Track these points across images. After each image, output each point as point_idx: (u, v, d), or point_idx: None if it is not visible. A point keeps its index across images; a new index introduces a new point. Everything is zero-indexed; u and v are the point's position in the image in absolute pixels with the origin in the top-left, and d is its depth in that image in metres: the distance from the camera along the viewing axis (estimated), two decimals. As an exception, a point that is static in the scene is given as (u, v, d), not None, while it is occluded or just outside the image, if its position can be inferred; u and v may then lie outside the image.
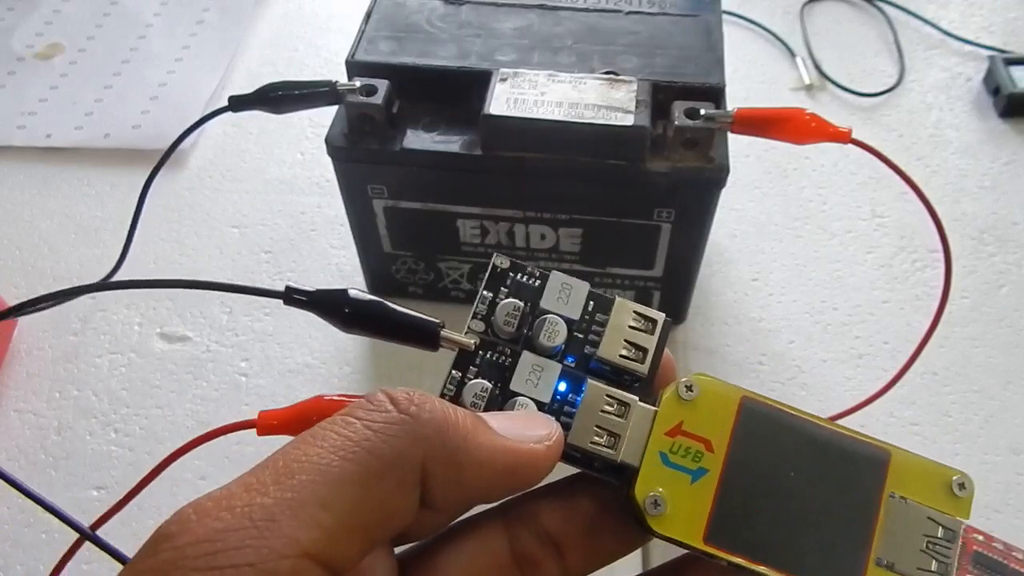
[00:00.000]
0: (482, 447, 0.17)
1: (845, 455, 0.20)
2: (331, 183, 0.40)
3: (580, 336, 0.21)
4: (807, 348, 0.43)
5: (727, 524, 0.19)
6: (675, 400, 0.20)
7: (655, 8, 0.39)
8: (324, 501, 0.15)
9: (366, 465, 0.16)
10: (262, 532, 0.14)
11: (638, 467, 0.20)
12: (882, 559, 0.19)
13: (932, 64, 0.57)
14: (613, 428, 0.20)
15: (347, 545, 0.15)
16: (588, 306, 0.21)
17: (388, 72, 0.36)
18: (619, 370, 0.21)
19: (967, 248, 0.47)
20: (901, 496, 0.20)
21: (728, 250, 0.47)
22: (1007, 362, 0.42)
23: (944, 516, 0.20)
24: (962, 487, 0.20)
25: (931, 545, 0.20)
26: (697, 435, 0.20)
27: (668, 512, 0.19)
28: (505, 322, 0.21)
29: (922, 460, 0.20)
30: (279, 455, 0.16)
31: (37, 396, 0.42)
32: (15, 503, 0.38)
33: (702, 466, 0.20)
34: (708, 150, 0.35)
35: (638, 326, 0.21)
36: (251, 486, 0.15)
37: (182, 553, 0.14)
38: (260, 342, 0.44)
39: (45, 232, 0.49)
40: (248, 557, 0.14)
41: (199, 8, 0.63)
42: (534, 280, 0.21)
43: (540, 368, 0.20)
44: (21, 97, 0.56)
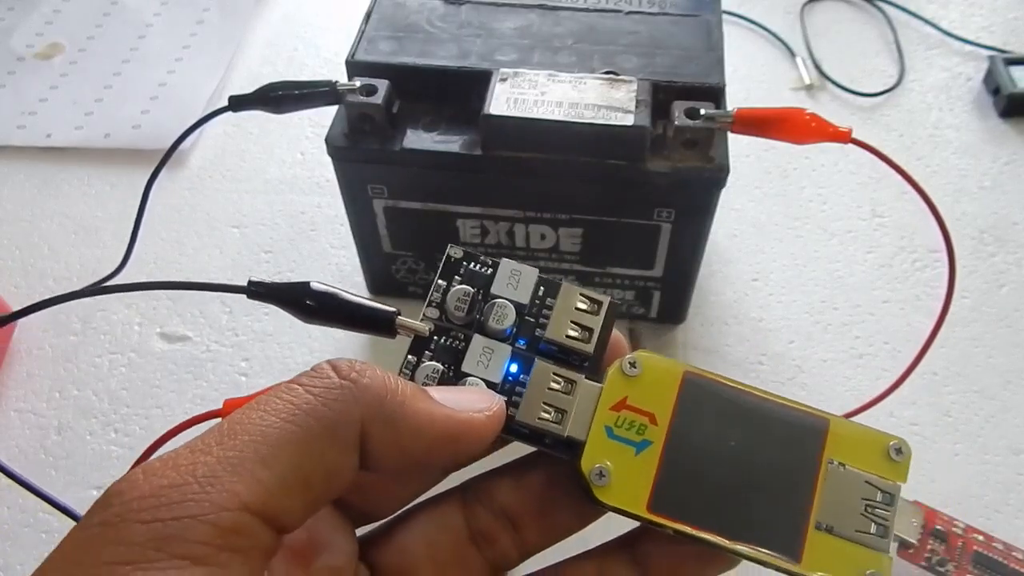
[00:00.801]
0: (420, 412, 0.18)
1: (784, 424, 0.21)
2: (331, 183, 0.40)
3: (531, 320, 0.22)
4: (807, 348, 0.43)
5: (670, 493, 0.20)
6: (619, 376, 0.21)
7: (655, 8, 0.39)
8: (264, 459, 0.16)
9: (305, 426, 0.17)
10: (203, 487, 0.15)
11: (584, 441, 0.20)
12: (822, 523, 0.20)
13: (932, 64, 0.57)
14: (560, 404, 0.21)
15: (287, 500, 0.16)
16: (538, 291, 0.22)
17: (388, 72, 0.36)
18: (567, 350, 0.21)
19: (967, 248, 0.47)
20: (840, 462, 0.21)
21: (728, 250, 0.47)
22: (1007, 362, 0.42)
23: (882, 480, 0.21)
24: (899, 452, 0.21)
25: (870, 508, 0.20)
26: (641, 409, 0.21)
27: (613, 483, 0.20)
28: (456, 307, 0.22)
29: (860, 427, 0.21)
30: (225, 420, 0.17)
31: (37, 396, 0.42)
32: (15, 503, 0.38)
33: (646, 438, 0.21)
34: (708, 150, 0.35)
35: (585, 308, 0.22)
36: (196, 448, 0.16)
37: (129, 507, 0.15)
38: (260, 342, 0.44)
39: (45, 232, 0.49)
40: (191, 510, 0.15)
41: (199, 8, 0.63)
42: (486, 268, 0.22)
43: (491, 350, 0.21)
44: (21, 97, 0.56)
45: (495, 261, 0.22)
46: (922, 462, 0.39)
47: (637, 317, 0.43)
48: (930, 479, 0.38)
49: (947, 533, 0.34)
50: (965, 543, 0.34)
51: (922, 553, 0.33)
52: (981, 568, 0.33)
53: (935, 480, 0.38)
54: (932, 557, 0.33)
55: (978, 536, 0.34)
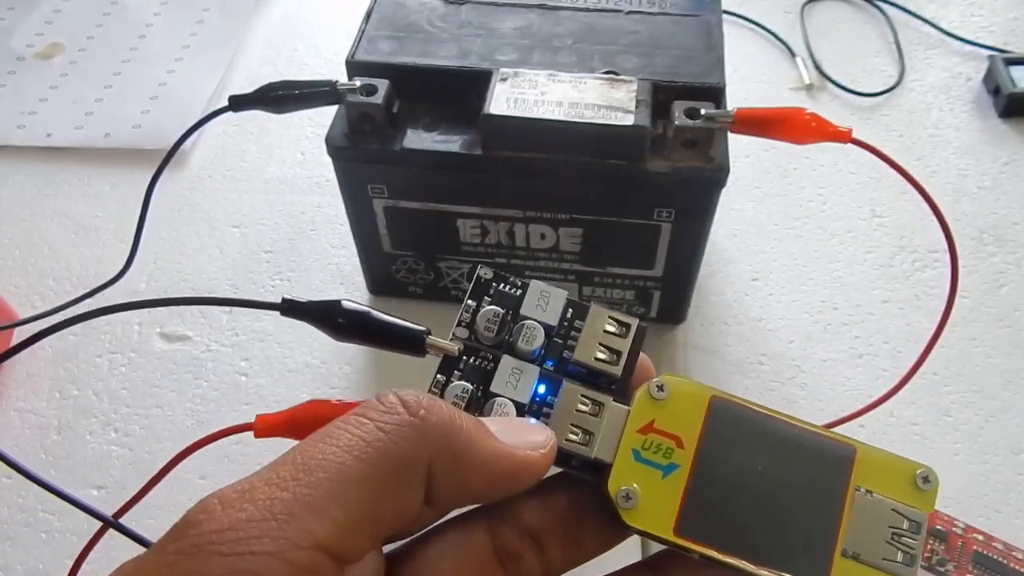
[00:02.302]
0: (484, 451, 0.18)
1: (811, 451, 0.21)
2: (331, 183, 0.40)
3: (559, 341, 0.22)
4: (807, 348, 0.43)
5: (697, 517, 0.20)
6: (647, 399, 0.21)
7: (655, 8, 0.39)
8: (338, 499, 0.16)
9: (377, 465, 0.17)
10: (281, 525, 0.16)
11: (611, 463, 0.21)
12: (848, 550, 0.20)
13: (932, 64, 0.57)
14: (587, 426, 0.21)
15: (357, 539, 0.17)
16: (566, 313, 0.22)
17: (388, 72, 0.36)
18: (595, 372, 0.22)
19: (967, 248, 0.47)
20: (867, 490, 0.21)
21: (728, 250, 0.47)
22: (1007, 362, 0.42)
23: (909, 509, 0.21)
24: (926, 480, 0.21)
25: (896, 536, 0.20)
26: (668, 432, 0.21)
27: (639, 505, 0.20)
28: (486, 328, 0.22)
29: (887, 455, 0.21)
30: (297, 452, 0.17)
31: (37, 396, 0.42)
32: (15, 502, 0.38)
33: (673, 462, 0.21)
34: (708, 150, 0.35)
35: (613, 331, 0.22)
36: (272, 481, 0.16)
37: (207, 539, 0.15)
38: (260, 342, 0.44)
39: (45, 232, 0.49)
40: (268, 546, 0.15)
41: (199, 8, 0.63)
42: (515, 289, 0.22)
43: (519, 371, 0.21)
44: (21, 97, 0.56)
45: (524, 282, 0.22)
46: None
47: (637, 317, 0.43)
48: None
49: (947, 533, 0.34)
50: (965, 543, 0.34)
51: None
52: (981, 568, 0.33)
53: (935, 480, 0.38)
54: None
55: (978, 536, 0.34)
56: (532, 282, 0.22)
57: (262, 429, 0.22)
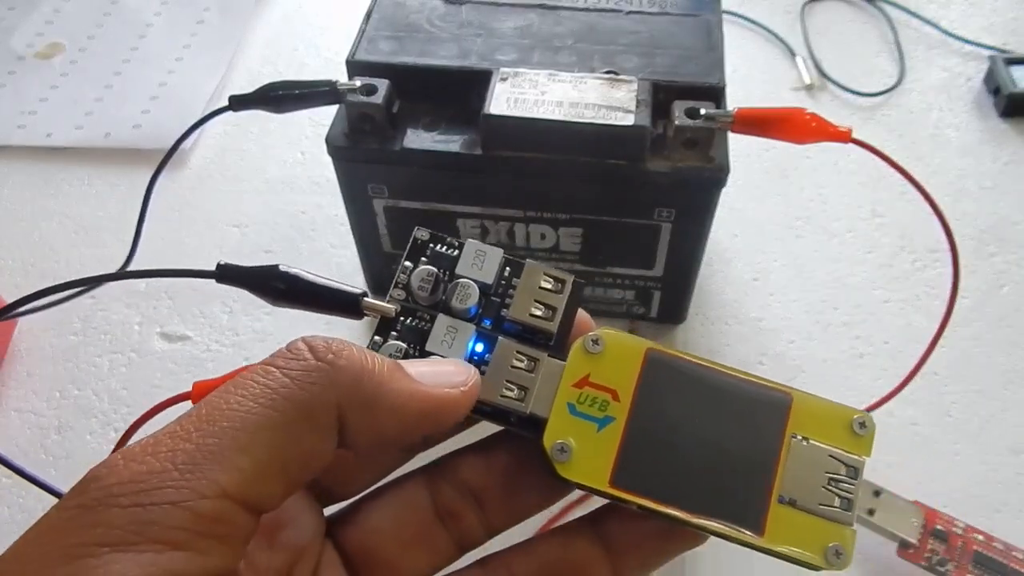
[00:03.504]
0: (397, 392, 0.18)
1: (748, 400, 0.21)
2: (331, 182, 0.40)
3: (496, 299, 0.22)
4: (807, 348, 0.43)
5: (633, 469, 0.20)
6: (582, 353, 0.21)
7: (655, 8, 0.39)
8: (243, 446, 0.16)
9: (283, 411, 0.17)
10: (184, 475, 0.15)
11: (547, 418, 0.21)
12: (785, 496, 0.20)
13: (932, 64, 0.57)
14: (523, 382, 0.21)
15: (266, 486, 0.16)
16: (504, 271, 0.22)
17: (388, 72, 0.36)
18: (531, 329, 0.22)
19: (967, 248, 0.46)
20: (803, 437, 0.21)
21: (728, 250, 0.47)
22: (1007, 362, 0.42)
23: (846, 454, 0.20)
24: (863, 426, 0.21)
25: (834, 482, 0.20)
26: (603, 385, 0.21)
27: (575, 458, 0.20)
28: (420, 287, 0.22)
29: (824, 401, 0.21)
30: (203, 404, 0.17)
31: (37, 396, 0.42)
32: (15, 503, 0.38)
33: (608, 414, 0.21)
34: (708, 150, 0.35)
35: (549, 287, 0.22)
36: (175, 434, 0.16)
37: (108, 491, 0.15)
38: (260, 342, 0.44)
39: (45, 232, 0.49)
40: (170, 496, 0.15)
41: (199, 8, 0.63)
42: (452, 249, 0.22)
43: (455, 330, 0.21)
44: (21, 96, 0.56)
45: (461, 242, 0.22)
46: (922, 462, 0.39)
47: (637, 317, 0.43)
48: (930, 479, 0.38)
49: (947, 533, 0.34)
50: (965, 543, 0.34)
51: (922, 553, 0.33)
52: (981, 568, 0.33)
53: (935, 480, 0.38)
54: (932, 557, 0.33)
55: (978, 536, 0.34)
56: (468, 241, 0.22)
57: (199, 396, 0.22)
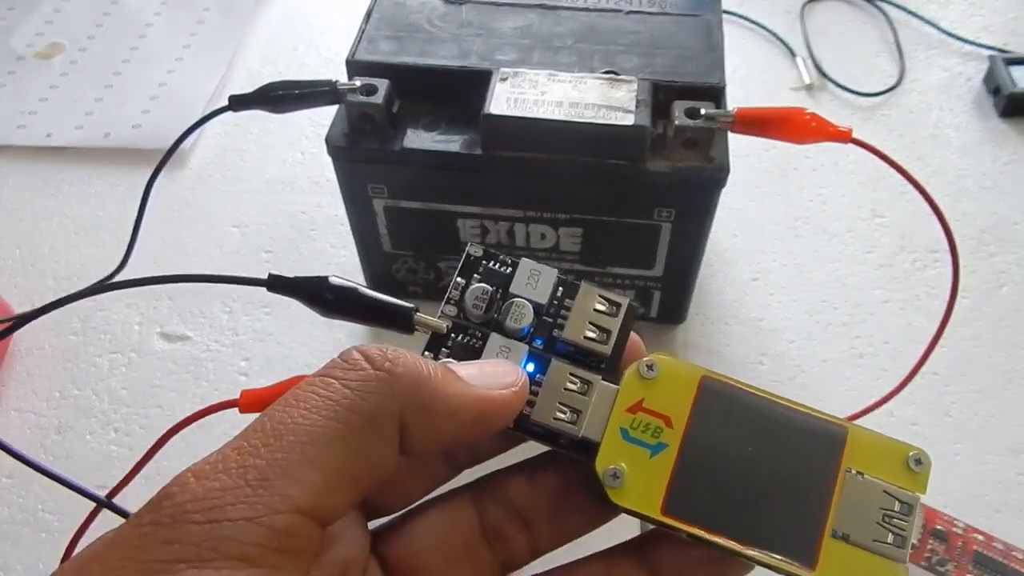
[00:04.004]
0: (453, 397, 0.18)
1: (802, 431, 0.21)
2: (331, 182, 0.40)
3: (548, 320, 0.22)
4: (807, 348, 0.43)
5: (685, 497, 0.20)
6: (636, 378, 0.21)
7: (655, 8, 0.39)
8: (312, 460, 0.16)
9: (348, 422, 0.17)
10: (256, 491, 0.15)
11: (599, 442, 0.20)
12: (838, 531, 0.20)
13: (932, 64, 0.57)
14: (576, 405, 0.21)
15: (335, 498, 0.17)
16: (556, 291, 0.22)
17: (388, 72, 0.36)
18: (583, 351, 0.21)
19: (967, 248, 0.47)
20: (858, 471, 0.20)
21: (728, 250, 0.47)
22: (1007, 362, 0.42)
23: (901, 490, 0.20)
24: (919, 463, 0.21)
25: (887, 518, 0.20)
26: (657, 412, 0.21)
27: (627, 484, 0.20)
28: (474, 305, 0.22)
29: (879, 436, 0.21)
30: (266, 419, 0.17)
31: (37, 395, 0.42)
32: (15, 503, 0.38)
33: (661, 441, 0.20)
34: (708, 150, 0.35)
35: (603, 310, 0.22)
36: (243, 450, 0.16)
37: (183, 508, 0.15)
38: (260, 342, 0.44)
39: (45, 232, 0.49)
40: (245, 512, 0.15)
41: (199, 8, 0.63)
42: (505, 267, 0.22)
43: (507, 349, 0.21)
44: (21, 96, 0.56)
45: (515, 260, 0.22)
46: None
47: (637, 317, 0.43)
48: (930, 479, 0.38)
49: (947, 533, 0.34)
50: (965, 543, 0.34)
51: (922, 553, 0.33)
52: (981, 568, 0.33)
53: (935, 480, 0.38)
54: (932, 557, 0.33)
55: (978, 536, 0.34)
56: (522, 260, 0.22)
57: (247, 404, 0.22)
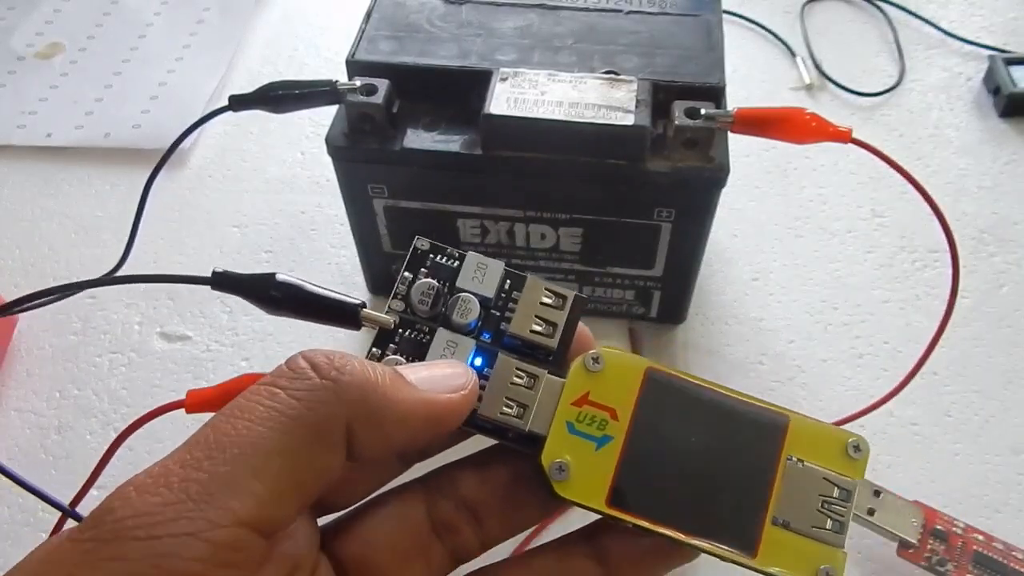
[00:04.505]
0: (402, 402, 0.18)
1: (745, 421, 0.21)
2: (331, 182, 0.40)
3: (496, 313, 0.22)
4: (807, 348, 0.43)
5: (630, 488, 0.20)
6: (582, 371, 0.21)
7: (655, 8, 0.39)
8: (256, 471, 0.16)
9: (292, 433, 0.17)
10: (198, 505, 0.15)
11: (546, 436, 0.21)
12: (778, 518, 0.20)
13: (932, 64, 0.57)
14: (522, 399, 0.21)
15: (280, 508, 0.16)
16: (504, 285, 0.22)
17: (388, 72, 0.36)
18: (531, 345, 0.21)
19: (967, 248, 0.47)
20: (798, 459, 0.21)
21: (728, 250, 0.47)
22: (1007, 362, 0.42)
23: (840, 477, 0.21)
24: (857, 449, 0.21)
25: (827, 504, 0.20)
26: (602, 404, 0.21)
27: (573, 477, 0.20)
28: (420, 300, 0.21)
29: (819, 424, 0.21)
30: (209, 430, 0.17)
31: (37, 395, 0.42)
32: (15, 503, 0.38)
33: (607, 433, 0.21)
34: (708, 150, 0.35)
35: (550, 302, 0.22)
36: (186, 462, 0.16)
37: (123, 524, 0.15)
38: (260, 342, 0.44)
39: (45, 232, 0.49)
40: (185, 527, 0.15)
41: (199, 8, 0.63)
42: (453, 261, 0.22)
43: (455, 344, 0.21)
44: (21, 96, 0.56)
45: (462, 254, 0.22)
46: (922, 462, 0.39)
47: (637, 317, 0.43)
48: (930, 479, 0.38)
49: (947, 533, 0.34)
50: (965, 543, 0.34)
51: (922, 553, 0.33)
52: (981, 568, 0.33)
53: (935, 480, 0.38)
54: (932, 557, 0.33)
55: (978, 536, 0.34)
56: (469, 253, 0.22)
57: (193, 404, 0.22)
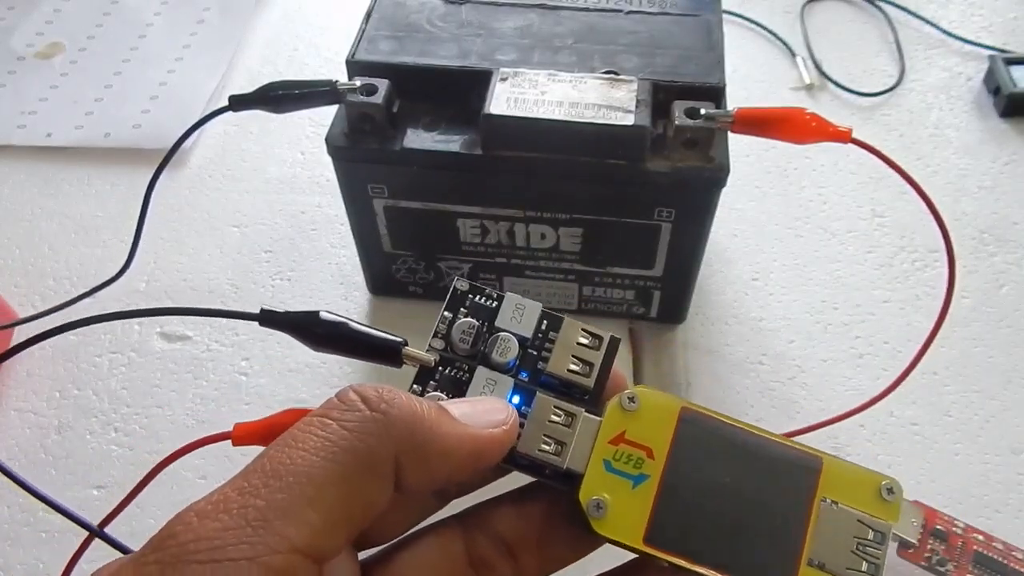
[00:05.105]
0: (447, 436, 0.19)
1: (779, 462, 0.22)
2: (331, 182, 0.40)
3: (533, 353, 0.23)
4: (807, 348, 0.43)
5: (666, 527, 0.21)
6: (618, 410, 0.22)
7: (655, 8, 0.39)
8: (311, 500, 0.17)
9: (345, 464, 0.17)
10: (256, 531, 0.16)
11: (583, 473, 0.21)
12: (814, 560, 0.20)
13: (932, 64, 0.57)
14: (560, 437, 0.21)
15: (332, 537, 0.17)
16: (541, 325, 0.23)
17: (388, 72, 0.36)
18: (567, 384, 0.22)
19: (967, 248, 0.47)
20: (832, 500, 0.21)
21: (728, 250, 0.47)
22: (1007, 362, 0.42)
23: (874, 519, 0.21)
24: (891, 492, 0.21)
25: (861, 546, 0.21)
26: (639, 443, 0.21)
27: (609, 515, 0.21)
28: (461, 339, 0.22)
29: (853, 467, 0.22)
30: (266, 460, 0.17)
31: (37, 395, 0.42)
32: (15, 502, 0.38)
33: (643, 472, 0.21)
34: (708, 150, 0.35)
35: (586, 343, 0.23)
36: (244, 490, 0.17)
37: (186, 548, 0.16)
38: (260, 342, 0.44)
39: (45, 232, 0.49)
40: (245, 552, 0.16)
41: (199, 8, 0.63)
42: (491, 301, 0.23)
43: (494, 382, 0.22)
44: (21, 96, 0.56)
45: (500, 295, 0.23)
46: (922, 462, 0.39)
47: (637, 317, 0.43)
48: (930, 479, 0.38)
49: (947, 533, 0.34)
50: (965, 543, 0.34)
51: (922, 553, 0.33)
52: (981, 568, 0.33)
53: (935, 480, 0.38)
54: (932, 557, 0.33)
55: (978, 536, 0.34)
56: (507, 294, 0.23)
57: (240, 437, 0.23)
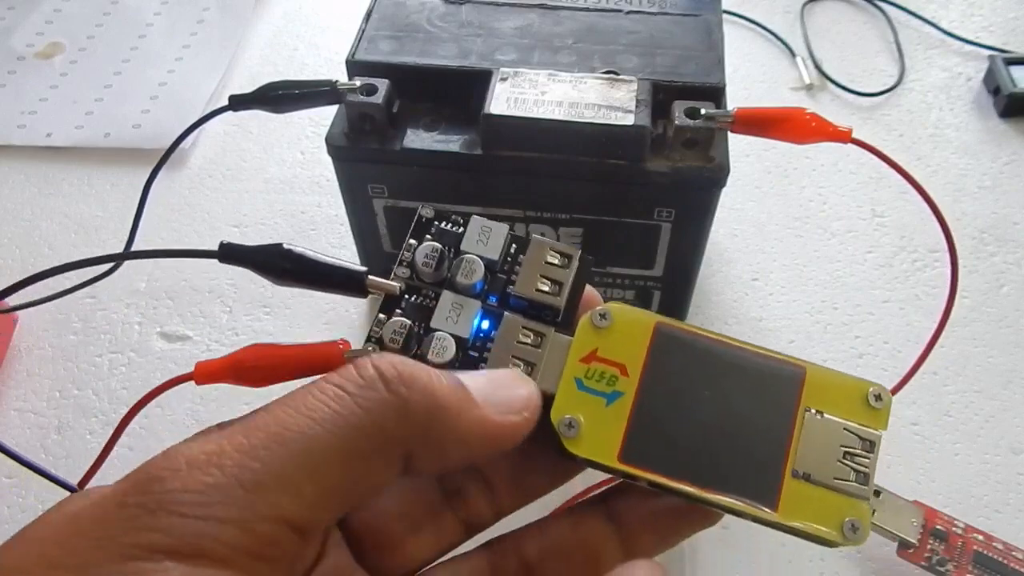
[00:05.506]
0: (465, 425, 0.18)
1: (760, 373, 0.21)
2: (331, 182, 0.40)
3: (502, 276, 0.22)
4: (807, 348, 0.43)
5: (643, 444, 0.20)
6: (590, 328, 0.21)
7: (655, 7, 0.39)
8: (310, 473, 0.16)
9: (353, 442, 0.17)
10: (248, 495, 0.15)
11: (554, 393, 0.20)
12: (799, 471, 0.20)
13: (932, 64, 0.57)
14: (529, 358, 0.21)
15: (324, 512, 0.16)
16: (509, 247, 0.22)
17: (388, 71, 0.36)
18: (537, 305, 0.21)
19: (967, 248, 0.47)
20: (817, 410, 0.20)
21: (728, 250, 0.47)
22: (1007, 362, 0.42)
23: (861, 427, 0.20)
24: (878, 398, 0.20)
25: (849, 456, 0.20)
26: (612, 360, 0.21)
27: (583, 434, 0.20)
28: (424, 264, 0.21)
29: (838, 374, 0.21)
30: (271, 419, 0.17)
31: (37, 395, 0.42)
32: (15, 502, 0.38)
33: (617, 389, 0.20)
34: (708, 150, 0.35)
35: (555, 262, 0.22)
36: (242, 447, 0.16)
37: (172, 498, 0.15)
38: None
39: (45, 232, 0.49)
40: (232, 514, 0.15)
41: (199, 7, 0.63)
42: (457, 226, 0.22)
43: (460, 306, 0.21)
44: (21, 96, 0.56)
45: (466, 219, 0.22)
46: (922, 462, 0.39)
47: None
48: (930, 479, 0.38)
49: (947, 533, 0.34)
50: (965, 543, 0.34)
51: (922, 553, 0.33)
52: (981, 568, 0.33)
53: (935, 480, 0.38)
54: (932, 557, 0.33)
55: (978, 536, 0.34)
56: (473, 217, 0.22)
57: (202, 375, 0.22)
